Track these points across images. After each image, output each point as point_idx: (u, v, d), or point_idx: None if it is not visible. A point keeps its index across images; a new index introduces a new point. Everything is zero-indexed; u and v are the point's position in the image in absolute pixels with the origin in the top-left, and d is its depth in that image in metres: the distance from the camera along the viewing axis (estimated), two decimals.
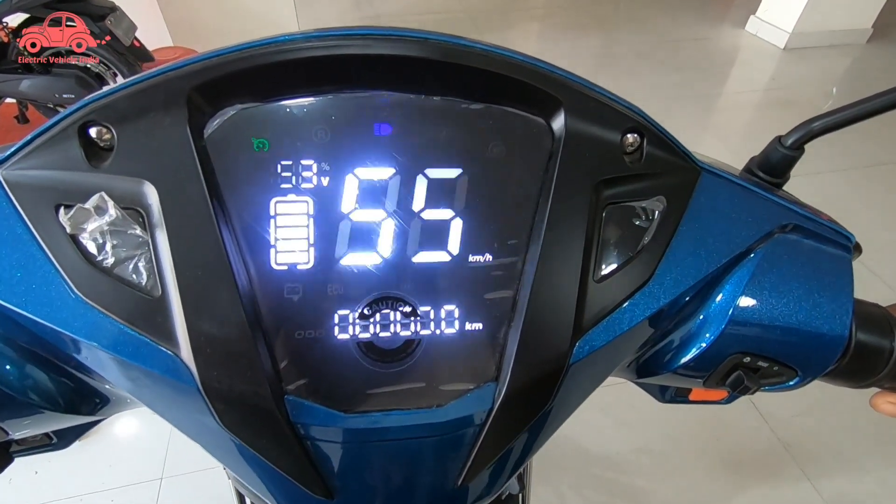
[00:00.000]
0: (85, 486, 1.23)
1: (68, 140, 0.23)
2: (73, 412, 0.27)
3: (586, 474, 1.27)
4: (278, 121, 0.24)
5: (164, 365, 0.22)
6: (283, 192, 0.24)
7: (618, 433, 1.35)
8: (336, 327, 0.24)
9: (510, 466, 0.27)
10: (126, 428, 1.36)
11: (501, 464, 0.27)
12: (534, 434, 0.27)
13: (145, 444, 1.32)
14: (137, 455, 1.30)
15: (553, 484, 1.25)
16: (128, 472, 1.26)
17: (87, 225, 0.22)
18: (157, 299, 0.23)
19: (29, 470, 1.26)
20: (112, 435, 1.34)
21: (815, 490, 1.24)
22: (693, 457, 1.31)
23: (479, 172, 0.25)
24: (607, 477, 1.27)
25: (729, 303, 0.28)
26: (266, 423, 0.23)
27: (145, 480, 1.25)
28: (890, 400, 0.32)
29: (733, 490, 1.25)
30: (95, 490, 1.23)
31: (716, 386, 0.30)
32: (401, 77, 0.25)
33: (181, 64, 0.23)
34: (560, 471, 1.27)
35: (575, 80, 0.26)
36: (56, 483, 1.24)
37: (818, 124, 0.29)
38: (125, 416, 1.36)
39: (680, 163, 0.27)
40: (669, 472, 1.28)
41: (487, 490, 0.28)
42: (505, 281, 0.25)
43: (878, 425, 1.34)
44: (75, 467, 1.27)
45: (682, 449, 1.32)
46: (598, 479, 1.27)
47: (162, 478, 1.25)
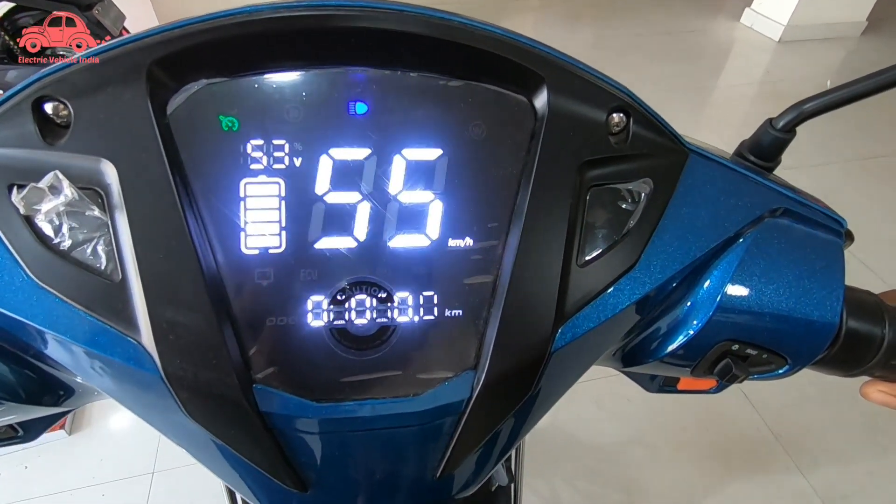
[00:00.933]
0: (76, 480, 1.22)
1: (22, 115, 0.21)
2: (36, 403, 0.26)
3: (580, 466, 1.27)
4: (248, 97, 0.23)
5: (125, 353, 0.21)
6: (254, 174, 0.23)
7: (611, 425, 1.35)
8: (309, 314, 0.23)
9: (492, 457, 0.27)
10: (117, 422, 1.35)
11: (482, 454, 0.26)
12: (516, 423, 0.26)
13: (137, 438, 1.31)
14: (129, 449, 1.29)
15: (546, 476, 1.25)
16: (119, 466, 1.25)
17: (41, 206, 0.21)
18: (116, 284, 0.21)
19: (18, 465, 1.25)
20: (103, 429, 1.33)
21: (806, 480, 1.24)
22: (685, 448, 1.31)
23: (460, 153, 0.24)
24: (601, 469, 1.27)
25: (717, 289, 0.27)
26: (233, 413, 0.22)
27: (137, 475, 1.24)
28: (881, 388, 0.31)
29: (725, 480, 1.26)
30: (87, 484, 1.22)
31: (704, 375, 0.30)
32: (377, 52, 0.23)
33: (141, 35, 0.22)
34: (553, 463, 1.27)
35: (559, 56, 0.25)
36: (46, 478, 1.23)
37: (810, 105, 0.28)
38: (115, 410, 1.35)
39: (667, 144, 0.27)
40: (662, 464, 1.28)
41: (469, 481, 0.27)
42: (485, 265, 0.24)
43: (868, 416, 1.35)
44: (66, 462, 1.26)
45: (675, 440, 1.32)
46: (591, 471, 1.27)
47: (153, 472, 1.25)
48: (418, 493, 0.26)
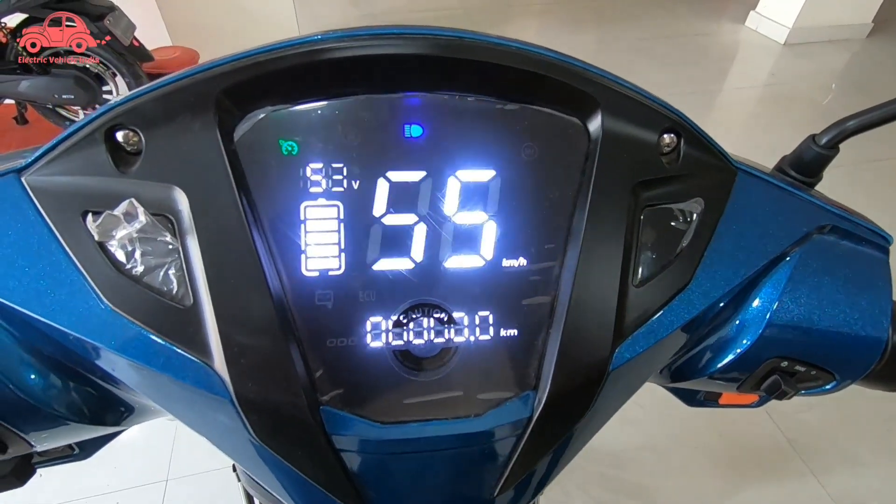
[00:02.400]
0: (90, 488, 1.23)
1: (95, 144, 0.22)
2: (99, 423, 0.26)
3: (592, 472, 1.27)
4: (308, 123, 0.23)
5: (197, 376, 0.22)
6: (314, 196, 0.23)
7: (623, 431, 1.35)
8: (369, 335, 0.24)
9: (547, 475, 0.27)
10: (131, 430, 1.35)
11: (538, 473, 0.26)
12: (571, 441, 0.26)
13: (150, 445, 1.31)
14: (143, 457, 1.29)
15: (559, 482, 1.25)
16: (133, 473, 1.26)
17: (115, 232, 0.22)
18: (188, 308, 0.22)
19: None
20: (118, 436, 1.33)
21: (821, 485, 1.24)
22: (698, 454, 1.31)
23: (513, 174, 0.24)
24: (613, 475, 1.27)
25: (766, 307, 0.27)
26: (301, 435, 0.23)
27: (151, 482, 1.24)
28: None
29: (739, 486, 1.25)
30: (101, 492, 1.22)
31: (751, 390, 0.30)
32: (433, 77, 0.24)
33: (209, 66, 0.22)
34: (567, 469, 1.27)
35: (612, 78, 0.25)
36: (61, 485, 1.24)
37: (852, 123, 0.29)
38: None
39: (717, 163, 0.27)
40: (674, 470, 1.28)
41: (523, 499, 0.27)
42: (541, 286, 0.24)
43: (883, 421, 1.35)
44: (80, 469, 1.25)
45: (688, 446, 1.32)
46: (603, 478, 1.27)
47: (167, 479, 1.25)
48: None
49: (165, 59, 2.11)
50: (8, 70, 1.86)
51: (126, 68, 1.95)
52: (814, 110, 2.56)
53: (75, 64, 1.90)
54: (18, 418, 0.24)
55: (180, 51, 2.19)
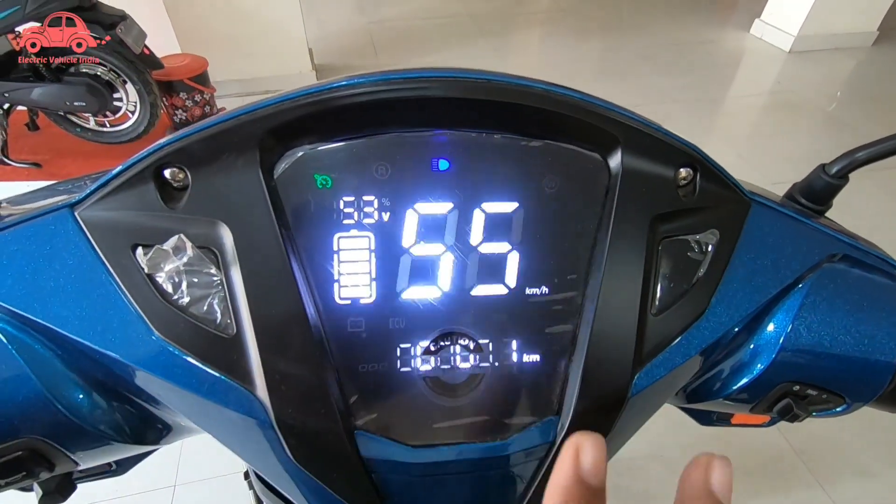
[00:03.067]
0: (98, 494, 1.24)
1: (144, 182, 0.23)
2: (140, 442, 0.28)
3: None
4: (341, 159, 0.24)
5: (240, 403, 0.23)
6: (346, 228, 0.24)
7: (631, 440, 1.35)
8: (399, 360, 0.25)
9: None
10: None
11: None
12: None
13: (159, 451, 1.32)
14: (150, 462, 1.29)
15: None
16: (141, 479, 1.26)
17: (164, 265, 0.23)
18: (231, 337, 0.23)
19: None
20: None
21: (828, 495, 1.24)
22: None
23: (536, 207, 0.26)
24: (621, 484, 1.27)
25: (780, 332, 0.28)
26: (337, 458, 0.24)
27: (159, 487, 1.25)
28: None
29: (746, 496, 1.25)
30: (109, 498, 1.23)
31: (763, 412, 0.31)
32: (461, 116, 0.25)
33: (252, 108, 0.24)
34: None
35: (632, 117, 0.26)
36: None
37: (862, 154, 0.30)
38: None
39: (731, 195, 0.28)
40: None
41: None
42: (564, 315, 0.25)
43: (890, 432, 1.35)
44: None
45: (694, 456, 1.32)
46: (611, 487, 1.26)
47: (175, 485, 1.26)
48: None
49: (175, 67, 2.13)
50: (21, 78, 1.89)
51: (137, 76, 1.97)
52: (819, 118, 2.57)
53: (87, 71, 1.92)
54: (66, 438, 0.25)
55: (189, 58, 2.21)
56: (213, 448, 1.31)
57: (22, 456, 0.24)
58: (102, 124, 2.12)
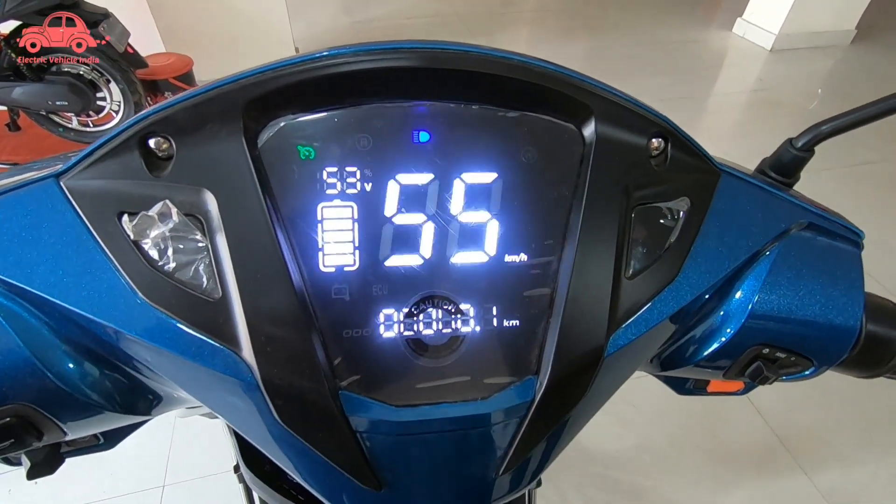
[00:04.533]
0: (87, 495, 1.22)
1: (129, 151, 0.24)
2: (130, 412, 0.28)
3: (588, 473, 1.29)
4: (323, 130, 0.25)
5: (226, 364, 0.23)
6: (329, 198, 0.25)
7: (619, 432, 1.37)
8: (382, 325, 0.25)
9: (548, 456, 0.29)
10: None
11: (540, 453, 0.28)
12: (569, 424, 0.28)
13: (147, 451, 1.31)
14: (139, 462, 1.29)
15: (556, 483, 1.27)
16: (129, 479, 1.25)
17: (150, 231, 0.23)
18: (217, 301, 0.24)
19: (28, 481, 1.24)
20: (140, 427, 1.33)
21: (811, 482, 1.26)
22: (692, 453, 1.33)
23: (514, 176, 0.26)
24: (609, 475, 1.29)
25: (748, 298, 0.29)
26: (322, 417, 0.24)
27: (148, 488, 1.24)
28: None
29: (732, 484, 1.28)
30: (97, 499, 1.22)
31: (735, 377, 0.32)
32: (440, 87, 0.26)
33: (235, 78, 0.24)
34: (563, 470, 1.29)
35: (604, 88, 0.27)
36: (56, 493, 1.23)
37: (827, 127, 0.31)
38: None
39: (701, 165, 0.29)
40: (669, 469, 1.30)
41: (525, 481, 0.29)
42: (541, 279, 0.26)
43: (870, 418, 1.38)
44: (76, 477, 1.26)
45: (682, 446, 1.34)
46: (600, 478, 1.28)
47: (164, 485, 1.25)
48: (480, 491, 0.28)
49: (159, 66, 2.12)
50: (2, 77, 1.86)
51: (120, 75, 1.95)
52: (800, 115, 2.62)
53: (69, 70, 1.90)
54: (56, 406, 0.26)
55: (174, 57, 2.20)
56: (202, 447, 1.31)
57: (10, 422, 0.25)
58: (85, 124, 2.10)
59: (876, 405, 1.41)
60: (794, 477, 1.28)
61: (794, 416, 1.39)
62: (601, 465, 1.30)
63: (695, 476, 1.29)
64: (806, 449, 1.33)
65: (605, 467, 1.30)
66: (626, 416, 1.39)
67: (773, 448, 1.33)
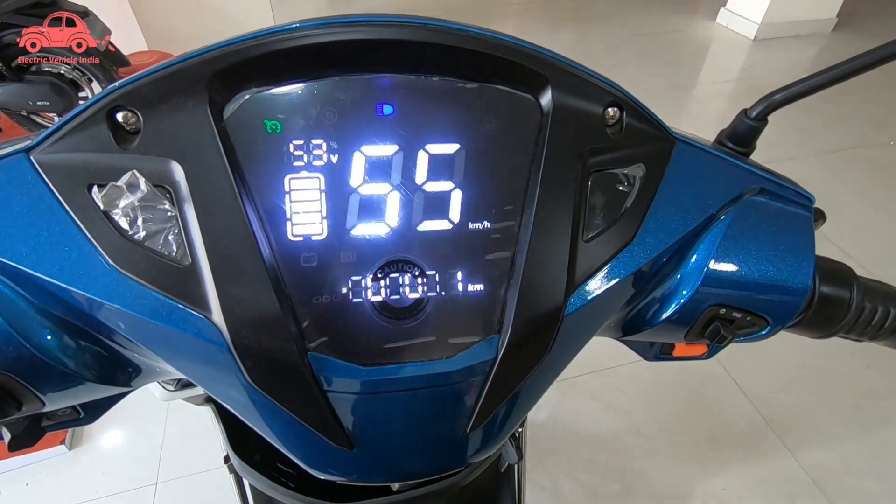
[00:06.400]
0: (79, 494, 1.22)
1: (97, 124, 0.24)
2: (108, 382, 0.29)
3: (579, 458, 1.31)
4: (288, 103, 0.26)
5: (197, 328, 0.24)
6: (297, 170, 0.26)
7: (608, 417, 1.39)
8: (350, 291, 0.26)
9: (514, 415, 0.30)
10: (118, 434, 1.35)
11: (506, 412, 0.29)
12: (534, 383, 0.29)
13: (139, 449, 1.31)
14: (131, 461, 1.29)
15: (547, 468, 1.28)
16: (122, 478, 1.26)
17: (119, 201, 0.24)
18: (187, 268, 0.24)
19: (20, 482, 1.24)
20: (104, 442, 1.33)
21: (795, 460, 1.29)
22: (681, 436, 1.35)
23: (476, 146, 0.27)
24: (599, 459, 1.31)
25: (704, 260, 0.30)
26: (292, 377, 0.25)
27: (140, 486, 1.24)
28: None
29: (720, 464, 1.30)
30: (90, 498, 1.22)
31: (696, 339, 0.33)
32: (402, 60, 0.27)
33: (200, 51, 0.25)
34: (553, 455, 1.31)
35: (560, 59, 0.28)
36: (49, 494, 1.23)
37: (779, 96, 0.32)
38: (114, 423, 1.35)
39: (656, 133, 0.30)
40: (658, 452, 1.32)
41: (493, 441, 0.30)
42: (503, 243, 0.27)
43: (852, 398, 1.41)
44: (67, 476, 1.26)
45: (670, 429, 1.36)
46: (590, 462, 1.30)
47: (157, 483, 1.25)
48: (450, 449, 0.29)
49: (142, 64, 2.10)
50: None
51: (102, 73, 1.94)
52: None
53: (50, 70, 1.88)
54: (34, 376, 0.26)
55: (157, 55, 2.18)
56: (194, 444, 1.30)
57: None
58: None
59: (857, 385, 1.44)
60: (779, 455, 1.30)
61: (778, 397, 1.42)
62: (591, 450, 1.32)
63: (683, 458, 1.31)
64: (790, 428, 1.35)
65: (594, 452, 1.32)
66: (614, 402, 1.41)
67: (759, 428, 1.36)
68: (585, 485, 1.26)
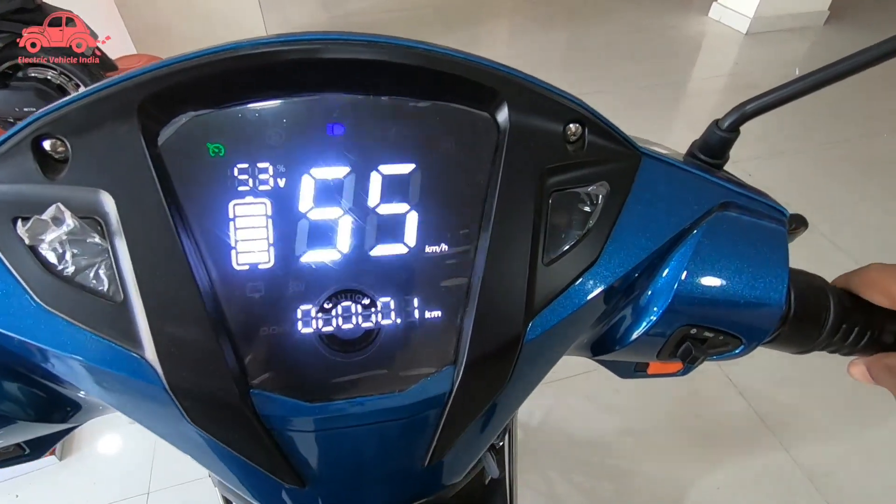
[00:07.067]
0: None
1: (22, 154, 0.23)
2: (46, 421, 0.27)
3: (572, 458, 1.30)
4: (232, 126, 0.25)
5: (130, 367, 0.23)
6: (241, 195, 0.25)
7: (601, 417, 1.38)
8: (299, 322, 0.25)
9: (477, 444, 0.29)
10: (108, 444, 1.34)
11: (467, 442, 0.28)
12: (496, 410, 0.28)
13: (130, 459, 1.30)
14: (122, 471, 1.28)
15: (540, 469, 1.28)
16: (113, 488, 1.25)
17: (45, 236, 0.23)
18: (119, 304, 0.23)
19: (9, 494, 1.23)
20: (94, 452, 1.32)
21: (791, 458, 1.29)
22: (675, 435, 1.34)
23: (432, 166, 0.26)
24: (593, 460, 1.30)
25: (674, 278, 0.29)
26: (233, 417, 0.24)
27: (131, 496, 1.24)
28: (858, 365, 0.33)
29: (715, 463, 1.30)
30: None
31: (668, 358, 0.32)
32: (349, 79, 0.25)
33: (131, 74, 0.24)
34: (547, 456, 1.30)
35: (516, 74, 0.27)
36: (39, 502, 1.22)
37: (751, 107, 0.31)
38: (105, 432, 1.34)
39: (621, 150, 0.29)
40: (653, 452, 1.31)
41: (457, 469, 0.29)
42: (459, 269, 0.26)
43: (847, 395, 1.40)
44: (58, 487, 1.25)
45: (664, 428, 1.36)
46: (584, 463, 1.30)
47: (148, 492, 1.24)
48: (410, 482, 0.28)
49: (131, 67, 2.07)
50: None
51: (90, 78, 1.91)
52: None
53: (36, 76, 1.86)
54: None
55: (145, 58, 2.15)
56: None
57: None
58: None
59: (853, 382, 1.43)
60: (775, 452, 1.30)
61: (773, 394, 1.41)
62: (585, 450, 1.32)
63: (678, 457, 1.30)
64: (786, 425, 1.35)
65: (589, 452, 1.31)
66: (608, 401, 1.40)
67: (754, 426, 1.35)
68: (580, 486, 1.26)
